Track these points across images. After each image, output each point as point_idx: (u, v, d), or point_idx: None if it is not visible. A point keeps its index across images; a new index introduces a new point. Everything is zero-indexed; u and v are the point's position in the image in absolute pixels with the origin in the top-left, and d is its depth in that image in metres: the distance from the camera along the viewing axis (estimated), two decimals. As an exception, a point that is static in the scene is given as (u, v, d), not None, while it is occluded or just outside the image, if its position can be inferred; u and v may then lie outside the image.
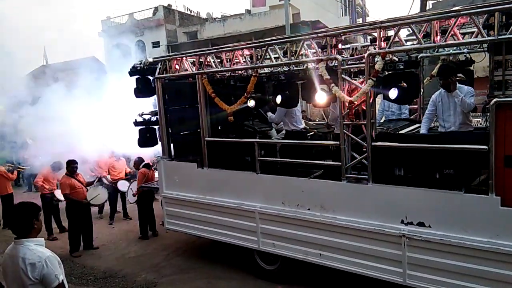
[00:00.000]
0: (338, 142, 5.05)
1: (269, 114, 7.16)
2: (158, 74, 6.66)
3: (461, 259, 4.12)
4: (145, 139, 7.23)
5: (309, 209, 5.24)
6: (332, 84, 4.86)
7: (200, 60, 6.19)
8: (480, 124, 5.85)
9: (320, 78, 5.15)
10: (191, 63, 6.42)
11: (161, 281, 6.38)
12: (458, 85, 5.17)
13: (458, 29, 4.18)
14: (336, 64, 4.91)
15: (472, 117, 5.52)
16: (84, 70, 11.69)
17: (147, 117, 7.32)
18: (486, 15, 3.96)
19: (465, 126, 5.22)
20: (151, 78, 6.88)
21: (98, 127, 9.40)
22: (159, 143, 7.19)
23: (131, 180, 9.16)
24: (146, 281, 6.40)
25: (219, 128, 6.74)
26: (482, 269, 4.00)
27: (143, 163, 8.67)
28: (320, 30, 5.38)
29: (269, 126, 7.39)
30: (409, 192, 4.44)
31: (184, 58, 6.38)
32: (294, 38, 5.49)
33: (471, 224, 4.06)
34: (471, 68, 6.19)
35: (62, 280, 3.08)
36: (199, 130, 6.34)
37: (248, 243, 5.89)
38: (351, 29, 5.28)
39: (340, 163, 4.98)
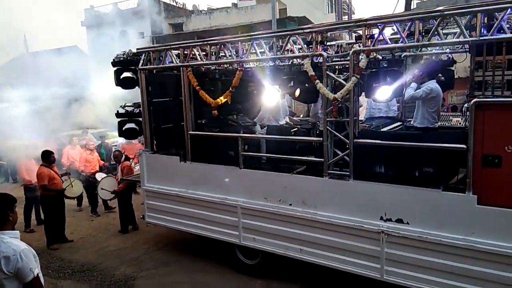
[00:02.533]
0: (321, 139, 5.07)
1: (257, 119, 7.09)
2: (142, 65, 6.55)
3: (438, 256, 4.21)
4: (126, 131, 7.12)
5: (291, 205, 5.26)
6: (317, 81, 4.87)
7: (185, 52, 6.11)
8: (460, 123, 5.98)
9: (305, 74, 5.16)
10: (176, 55, 6.33)
11: (140, 274, 6.32)
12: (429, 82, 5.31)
13: (441, 29, 4.25)
14: (321, 60, 4.91)
15: (452, 116, 5.64)
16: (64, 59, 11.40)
17: (129, 109, 7.20)
18: (468, 16, 4.03)
19: (423, 121, 5.37)
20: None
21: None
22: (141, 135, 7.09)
23: (106, 175, 9.07)
24: (125, 275, 6.33)
25: (203, 121, 6.69)
26: (457, 266, 4.10)
27: (123, 156, 8.56)
28: (306, 26, 5.38)
29: (253, 121, 7.37)
30: (388, 189, 4.50)
31: (169, 50, 6.29)
32: (280, 33, 5.48)
33: (448, 221, 4.15)
34: (453, 68, 6.30)
35: (37, 274, 3.01)
36: (182, 123, 6.27)
37: (230, 238, 5.89)
38: (337, 26, 5.33)
39: (322, 159, 5.01)
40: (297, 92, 5.29)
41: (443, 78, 6.02)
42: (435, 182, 4.28)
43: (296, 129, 6.85)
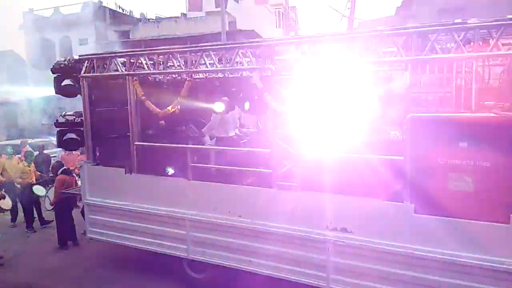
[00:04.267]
0: (269, 150, 5.15)
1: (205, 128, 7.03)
2: (84, 72, 6.28)
3: (381, 263, 4.40)
4: (66, 141, 6.76)
5: (240, 216, 5.26)
6: (266, 93, 4.96)
7: (132, 60, 5.96)
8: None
9: (254, 87, 5.24)
10: (122, 63, 6.15)
11: (81, 294, 5.97)
12: None
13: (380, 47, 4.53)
14: (269, 74, 5.01)
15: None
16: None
17: (70, 118, 6.85)
18: (404, 36, 4.33)
19: None
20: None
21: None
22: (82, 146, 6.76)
23: (49, 185, 8.50)
24: (63, 295, 5.94)
25: (150, 132, 6.53)
26: (398, 273, 4.31)
27: (62, 169, 8.05)
28: (255, 40, 5.49)
29: (202, 132, 7.31)
30: (333, 199, 4.66)
31: (114, 57, 6.10)
32: (230, 46, 5.53)
33: (389, 229, 4.37)
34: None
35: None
36: (128, 133, 6.07)
37: (177, 252, 5.76)
38: (285, 41, 5.47)
39: (271, 170, 5.08)
40: (247, 105, 5.36)
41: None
42: (377, 191, 4.49)
43: (245, 140, 6.90)
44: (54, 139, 14.62)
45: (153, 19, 27.55)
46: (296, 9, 38.90)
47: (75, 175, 8.45)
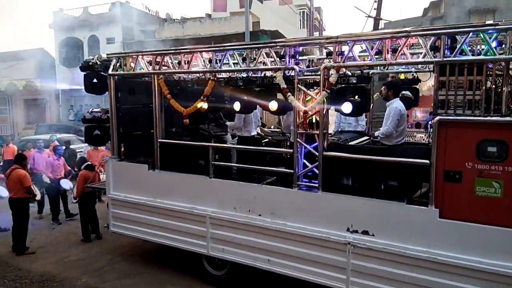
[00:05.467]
0: (291, 150, 5.15)
1: (229, 123, 7.12)
2: (112, 71, 6.43)
3: (401, 267, 4.32)
4: (93, 137, 6.95)
5: (260, 215, 5.27)
6: (288, 93, 4.96)
7: (157, 60, 6.07)
8: (423, 139, 6.23)
9: (277, 87, 5.24)
10: (148, 62, 6.27)
11: (103, 286, 6.10)
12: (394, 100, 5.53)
13: (407, 49, 4.45)
14: (293, 74, 5.01)
15: (416, 133, 5.88)
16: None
17: (97, 114, 7.05)
18: (433, 37, 4.24)
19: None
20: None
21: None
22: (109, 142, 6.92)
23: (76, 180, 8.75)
24: (86, 286, 6.09)
25: (173, 130, 6.62)
26: (419, 277, 4.22)
27: (85, 164, 8.26)
28: (279, 40, 5.50)
29: (225, 130, 7.37)
30: (355, 201, 4.61)
31: (141, 56, 6.22)
32: (253, 46, 5.55)
33: (411, 233, 4.28)
34: (417, 86, 6.58)
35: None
36: (152, 131, 6.18)
37: (197, 248, 5.81)
38: (309, 41, 5.46)
39: (292, 171, 5.07)
40: (273, 104, 5.35)
41: (410, 95, 6.28)
42: (399, 195, 4.42)
43: (267, 140, 6.91)
44: (72, 135, 15.06)
45: (178, 19, 27.91)
46: (321, 10, 38.66)
47: (99, 170, 8.65)
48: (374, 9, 17.22)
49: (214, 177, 5.69)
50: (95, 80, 6.68)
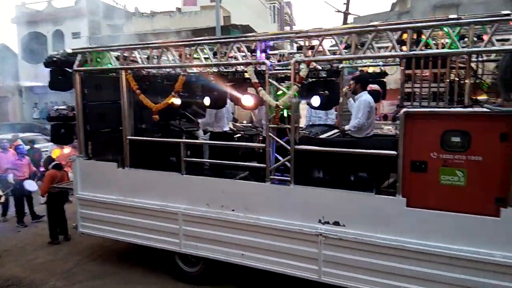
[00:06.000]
0: (263, 145, 5.16)
1: (200, 120, 7.04)
2: (78, 66, 6.22)
3: (371, 256, 4.43)
4: (59, 136, 6.71)
5: (233, 210, 5.27)
6: (260, 88, 4.95)
7: (125, 54, 5.91)
8: (391, 131, 6.39)
9: (248, 81, 5.22)
10: (115, 57, 6.10)
11: (72, 288, 5.94)
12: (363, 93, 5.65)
13: (375, 43, 4.53)
14: (264, 68, 5.01)
15: (384, 125, 6.03)
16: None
17: (63, 112, 6.80)
18: (399, 31, 4.34)
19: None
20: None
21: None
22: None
23: (41, 181, 8.44)
24: (55, 289, 5.91)
25: (143, 126, 6.49)
26: (389, 265, 4.34)
27: (53, 163, 7.98)
28: (250, 34, 5.48)
29: (196, 126, 7.30)
30: (326, 193, 4.68)
31: (108, 51, 6.05)
32: (224, 40, 5.50)
33: (381, 223, 4.40)
34: (385, 80, 6.73)
35: None
36: (121, 128, 6.04)
37: (170, 246, 5.74)
38: (279, 36, 5.46)
39: (264, 165, 5.09)
40: (246, 99, 5.33)
41: (378, 88, 6.42)
42: (368, 186, 4.52)
43: (239, 135, 6.90)
44: (37, 134, 14.49)
45: (147, 13, 27.31)
46: (291, 4, 38.86)
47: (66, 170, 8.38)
48: (344, 3, 17.48)
49: (186, 173, 5.63)
50: (60, 77, 6.44)
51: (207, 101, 5.52)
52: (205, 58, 5.57)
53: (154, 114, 5.92)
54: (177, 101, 5.87)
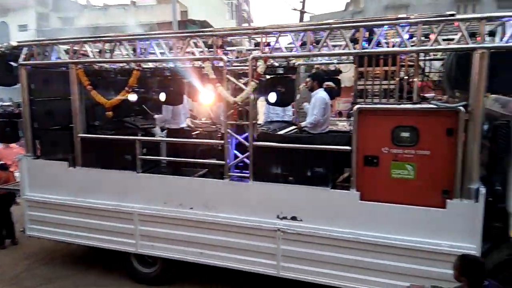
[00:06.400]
0: (222, 141, 5.12)
1: (157, 116, 6.86)
2: (24, 60, 5.86)
3: (328, 249, 4.54)
4: (4, 134, 6.30)
5: (191, 208, 5.20)
6: (218, 84, 4.91)
7: (75, 48, 5.65)
8: (345, 127, 6.58)
9: (206, 77, 5.16)
10: (65, 51, 5.81)
11: (21, 294, 5.61)
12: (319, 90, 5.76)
13: (330, 41, 4.63)
14: (221, 64, 4.97)
15: (339, 121, 6.20)
16: None
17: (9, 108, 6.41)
18: (353, 30, 4.46)
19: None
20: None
21: None
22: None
23: None
24: (1, 297, 5.56)
25: (96, 123, 6.24)
26: (345, 257, 4.48)
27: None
28: (207, 29, 5.42)
29: (153, 123, 7.11)
30: (284, 189, 4.74)
31: (56, 44, 5.75)
32: (181, 35, 5.40)
33: (336, 216, 4.52)
34: (339, 77, 6.91)
35: None
36: (71, 125, 5.77)
37: (125, 247, 5.58)
38: (237, 32, 5.45)
39: (223, 162, 5.06)
40: (203, 95, 5.26)
41: (333, 86, 6.57)
42: (324, 181, 4.62)
43: (198, 132, 6.81)
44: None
45: (99, 6, 26.28)
46: (248, 1, 38.89)
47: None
48: (300, 2, 17.75)
49: (142, 172, 5.48)
50: (5, 71, 6.03)
51: (162, 97, 5.40)
52: (160, 53, 5.44)
53: (107, 111, 5.70)
54: (132, 97, 5.67)
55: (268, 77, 5.29)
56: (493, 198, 4.07)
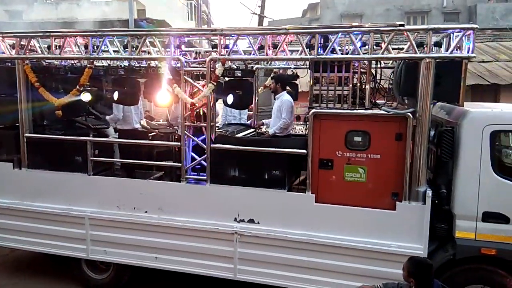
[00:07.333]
0: (179, 143, 5.04)
1: (108, 117, 6.60)
2: (-38, 54, 5.45)
3: (284, 251, 4.60)
4: None
5: (146, 212, 5.07)
6: (175, 85, 4.84)
7: (22, 43, 5.33)
8: (302, 131, 6.69)
9: (162, 77, 5.06)
10: (10, 45, 5.47)
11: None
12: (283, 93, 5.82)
13: (287, 45, 4.71)
14: (179, 65, 4.90)
15: (296, 125, 6.29)
16: None
17: None
18: (309, 36, 4.56)
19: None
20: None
21: None
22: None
23: None
24: None
25: (45, 123, 5.92)
26: (301, 259, 4.55)
27: None
28: (163, 29, 5.32)
29: (106, 123, 6.85)
30: (241, 192, 4.75)
31: (1, 38, 5.40)
32: (136, 33, 5.27)
33: (292, 219, 4.59)
34: (297, 82, 7.02)
35: None
36: (17, 124, 5.44)
37: (76, 252, 5.34)
38: (194, 32, 5.41)
39: (180, 164, 4.98)
40: (159, 96, 5.14)
41: (291, 90, 6.65)
42: (281, 183, 4.68)
43: (154, 133, 6.65)
44: None
45: (51, 1, 25.00)
46: (208, 3, 38.61)
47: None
48: (258, 6, 17.91)
49: (93, 174, 5.28)
50: None
51: (115, 95, 5.23)
52: (114, 51, 5.28)
53: (57, 110, 5.43)
54: (85, 97, 5.43)
55: (226, 79, 5.29)
56: (439, 200, 4.30)
